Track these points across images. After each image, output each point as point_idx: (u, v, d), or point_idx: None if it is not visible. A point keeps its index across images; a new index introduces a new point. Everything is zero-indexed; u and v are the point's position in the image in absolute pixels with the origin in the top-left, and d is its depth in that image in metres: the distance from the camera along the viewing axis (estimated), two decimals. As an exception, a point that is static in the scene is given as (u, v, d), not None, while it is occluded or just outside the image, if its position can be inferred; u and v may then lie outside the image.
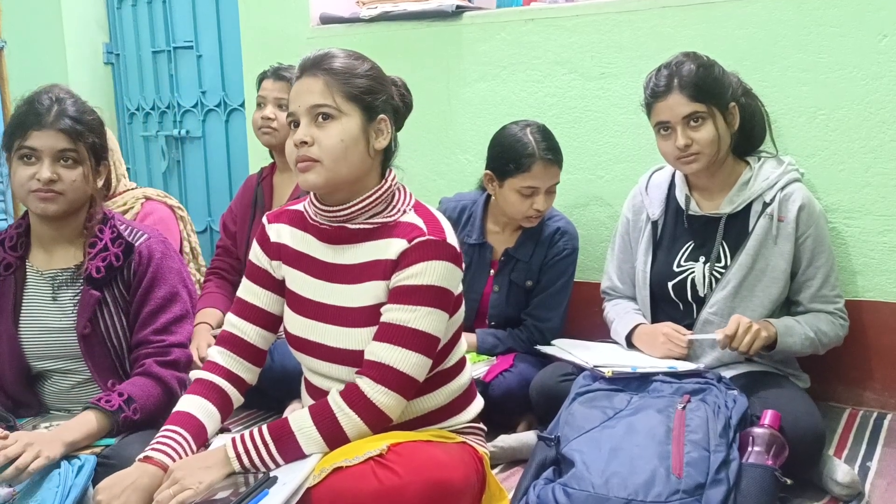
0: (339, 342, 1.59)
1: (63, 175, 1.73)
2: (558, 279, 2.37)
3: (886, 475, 1.94)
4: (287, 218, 1.70)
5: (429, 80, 2.87)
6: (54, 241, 1.83)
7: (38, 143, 1.71)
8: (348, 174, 1.55)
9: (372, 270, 1.57)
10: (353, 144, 1.54)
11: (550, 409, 1.94)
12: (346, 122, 1.54)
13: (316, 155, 1.52)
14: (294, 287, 1.67)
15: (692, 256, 2.11)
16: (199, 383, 1.66)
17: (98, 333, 1.79)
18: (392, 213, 1.60)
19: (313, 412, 1.52)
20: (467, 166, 2.83)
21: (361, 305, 1.58)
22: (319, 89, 1.54)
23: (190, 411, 1.60)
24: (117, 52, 3.98)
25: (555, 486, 1.59)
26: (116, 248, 1.79)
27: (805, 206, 2.02)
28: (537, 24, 2.68)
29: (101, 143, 1.81)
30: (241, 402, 1.70)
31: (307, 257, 1.64)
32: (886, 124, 2.23)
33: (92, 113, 1.81)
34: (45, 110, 1.73)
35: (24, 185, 1.73)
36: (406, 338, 1.51)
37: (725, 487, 1.55)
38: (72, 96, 1.79)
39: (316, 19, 3.12)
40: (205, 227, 3.79)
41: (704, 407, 1.72)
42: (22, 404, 1.83)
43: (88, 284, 1.78)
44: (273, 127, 2.54)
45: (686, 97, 1.97)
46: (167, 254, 1.85)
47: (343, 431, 1.50)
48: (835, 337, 2.07)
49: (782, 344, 1.97)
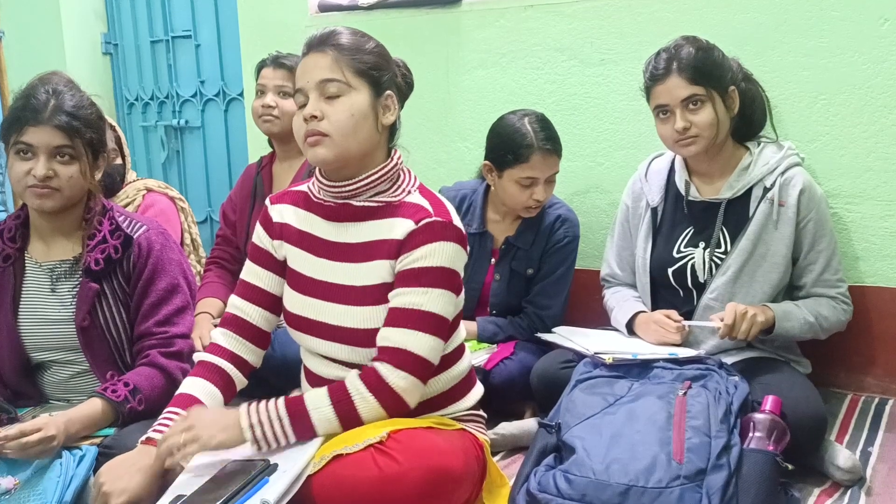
0: (340, 320, 1.59)
1: (59, 171, 1.72)
2: (559, 267, 2.36)
3: (888, 460, 1.94)
4: (290, 198, 1.70)
5: (428, 68, 2.86)
6: (53, 233, 1.83)
7: (34, 139, 1.70)
8: (357, 148, 1.55)
9: (377, 250, 1.57)
10: (362, 119, 1.54)
11: (551, 396, 1.94)
12: (356, 96, 1.54)
13: (325, 129, 1.52)
14: (295, 265, 1.66)
15: (692, 242, 2.10)
16: (201, 366, 1.65)
17: (97, 326, 1.78)
18: (397, 193, 1.60)
19: (332, 393, 1.50)
20: (467, 154, 2.82)
21: (365, 284, 1.58)
22: (328, 64, 1.54)
23: (193, 393, 1.60)
24: (115, 42, 3.97)
25: (556, 473, 1.59)
26: (115, 241, 1.79)
27: (806, 190, 2.02)
28: (537, 11, 2.67)
29: (98, 138, 1.79)
30: (244, 385, 1.70)
31: (310, 236, 1.64)
32: (888, 109, 2.23)
33: (90, 106, 1.78)
34: (41, 105, 1.71)
35: (21, 181, 1.72)
36: (420, 321, 1.51)
37: (726, 473, 1.55)
38: (71, 88, 1.77)
39: (314, 7, 3.12)
40: (205, 217, 3.79)
41: (705, 393, 1.72)
42: (21, 395, 1.84)
43: (87, 277, 1.78)
44: (274, 115, 2.53)
45: (685, 80, 1.97)
46: (166, 245, 1.85)
47: (358, 414, 1.49)
48: (837, 321, 2.07)
49: (780, 328, 1.97)
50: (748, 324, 1.91)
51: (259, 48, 2.98)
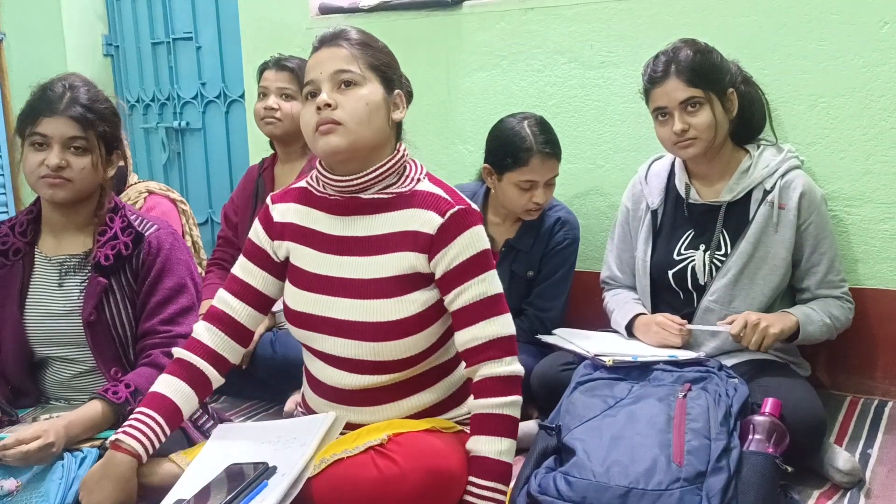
0: (349, 315, 1.58)
1: (72, 162, 1.74)
2: (559, 269, 2.36)
3: (887, 462, 1.94)
4: (292, 196, 1.69)
5: (428, 70, 2.86)
6: (64, 228, 1.84)
7: (49, 129, 1.72)
8: (369, 139, 1.55)
9: (397, 241, 1.57)
10: (376, 109, 1.55)
11: (551, 398, 1.94)
12: (370, 88, 1.55)
13: (339, 117, 1.52)
14: (299, 262, 1.65)
15: (692, 245, 2.10)
16: (177, 363, 1.65)
17: (103, 321, 1.79)
18: (406, 184, 1.60)
19: (487, 431, 1.51)
20: (467, 157, 2.83)
21: (378, 277, 1.57)
22: (343, 56, 1.55)
23: (165, 393, 1.60)
24: (117, 44, 3.97)
25: (556, 475, 1.60)
26: (126, 238, 1.81)
27: (806, 192, 2.02)
28: (537, 13, 2.67)
29: (112, 133, 1.81)
30: (221, 383, 1.68)
31: (313, 232, 1.64)
32: (887, 112, 2.23)
33: (105, 102, 1.81)
34: (56, 97, 1.74)
35: (34, 172, 1.74)
36: (492, 307, 1.54)
37: (726, 475, 1.55)
38: (86, 84, 1.80)
39: (315, 9, 3.12)
40: (206, 218, 3.79)
41: (705, 395, 1.72)
42: (22, 393, 1.84)
43: (96, 271, 1.79)
44: (276, 117, 2.53)
45: (683, 82, 1.97)
46: (176, 245, 1.86)
47: (514, 419, 1.52)
48: (845, 321, 2.09)
49: (805, 332, 1.97)
50: (759, 335, 1.91)
51: (260, 50, 2.99)
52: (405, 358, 1.58)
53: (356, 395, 1.62)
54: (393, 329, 1.55)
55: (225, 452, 1.58)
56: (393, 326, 1.55)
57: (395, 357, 1.58)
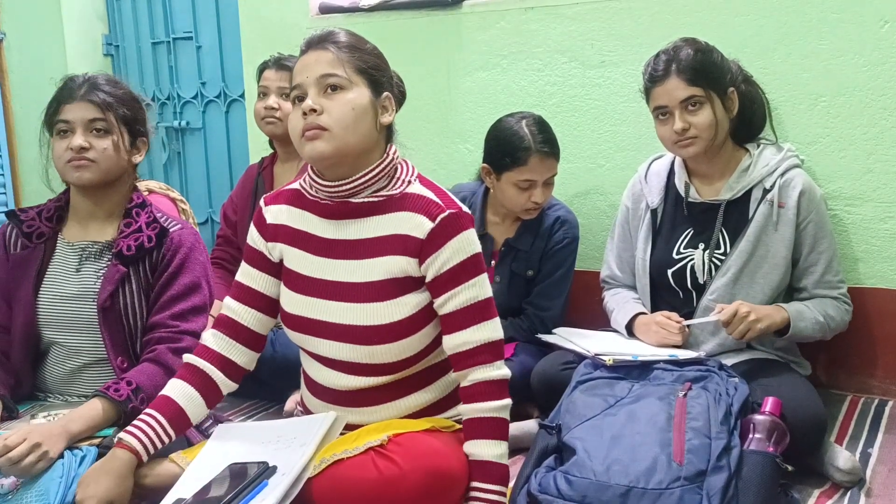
0: (343, 318, 1.58)
1: (94, 143, 1.80)
2: (559, 268, 2.36)
3: (887, 462, 1.94)
4: (284, 198, 1.69)
5: (429, 70, 2.86)
6: (91, 216, 1.88)
7: (70, 115, 1.80)
8: (356, 145, 1.54)
9: (388, 245, 1.56)
10: (362, 114, 1.54)
11: (551, 397, 1.94)
12: (356, 92, 1.54)
13: (325, 123, 1.51)
14: (293, 265, 1.65)
15: (692, 243, 2.10)
16: (186, 368, 1.66)
17: (116, 309, 1.81)
18: (397, 186, 1.59)
19: (485, 435, 1.52)
20: (467, 156, 2.83)
21: (370, 280, 1.57)
22: (329, 60, 1.54)
23: (172, 396, 1.61)
24: (117, 44, 3.97)
25: (556, 474, 1.60)
26: (150, 231, 1.85)
27: (805, 191, 2.02)
28: (537, 13, 2.67)
29: (133, 116, 1.88)
30: (232, 388, 1.69)
31: (306, 235, 1.64)
32: (888, 111, 2.23)
33: (125, 88, 1.89)
34: (76, 86, 1.83)
35: (61, 157, 1.80)
36: (482, 311, 1.55)
37: (726, 474, 1.55)
38: (107, 76, 1.88)
39: (315, 9, 3.12)
40: (205, 218, 3.79)
41: (705, 394, 1.72)
42: (21, 384, 1.84)
43: (117, 260, 1.82)
44: (277, 117, 2.54)
45: (684, 81, 1.97)
46: (197, 246, 1.89)
47: (507, 422, 1.55)
48: (841, 322, 2.08)
49: (795, 328, 1.97)
50: (745, 326, 1.91)
51: (260, 50, 2.99)
52: (400, 360, 1.58)
53: (353, 396, 1.62)
54: (386, 332, 1.56)
55: (225, 452, 1.58)
56: (386, 329, 1.56)
57: (389, 359, 1.58)
